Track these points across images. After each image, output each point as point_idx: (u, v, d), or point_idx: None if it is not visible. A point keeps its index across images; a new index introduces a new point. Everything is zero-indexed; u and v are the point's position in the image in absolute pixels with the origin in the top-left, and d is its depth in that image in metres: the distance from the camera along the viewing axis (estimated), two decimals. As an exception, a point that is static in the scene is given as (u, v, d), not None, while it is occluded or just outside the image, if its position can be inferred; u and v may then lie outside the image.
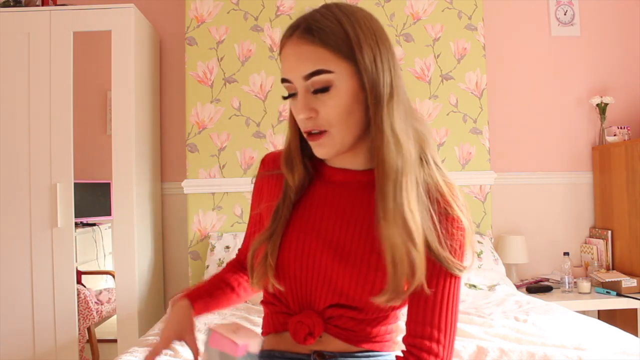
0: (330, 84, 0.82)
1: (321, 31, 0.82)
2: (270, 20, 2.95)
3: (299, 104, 0.84)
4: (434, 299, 0.85)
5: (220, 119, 2.91)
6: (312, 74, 0.82)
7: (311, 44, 0.82)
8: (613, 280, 2.74)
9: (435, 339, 0.85)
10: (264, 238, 0.90)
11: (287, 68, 0.85)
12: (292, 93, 0.86)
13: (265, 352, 0.97)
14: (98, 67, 2.86)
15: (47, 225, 2.58)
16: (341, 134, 0.85)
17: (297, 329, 0.90)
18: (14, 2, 2.71)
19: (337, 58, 0.82)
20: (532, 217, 3.15)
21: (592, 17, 3.22)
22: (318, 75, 0.82)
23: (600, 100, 3.07)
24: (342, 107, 0.83)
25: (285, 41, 0.85)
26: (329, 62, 0.82)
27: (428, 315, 0.85)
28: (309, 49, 0.82)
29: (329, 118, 0.84)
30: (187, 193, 2.89)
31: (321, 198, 0.93)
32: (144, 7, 2.92)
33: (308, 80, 0.82)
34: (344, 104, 0.83)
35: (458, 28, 2.99)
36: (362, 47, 0.82)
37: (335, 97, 0.83)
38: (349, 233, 0.89)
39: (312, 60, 0.82)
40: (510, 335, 1.72)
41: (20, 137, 2.60)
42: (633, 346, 1.55)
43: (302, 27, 0.83)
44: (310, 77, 0.82)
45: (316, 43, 0.81)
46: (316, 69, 0.81)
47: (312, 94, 0.83)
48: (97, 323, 2.76)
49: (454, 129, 2.97)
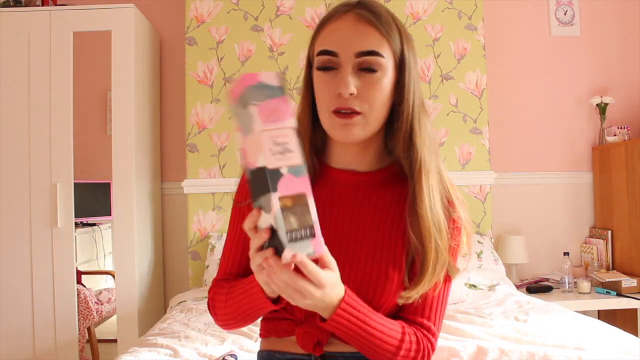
0: (380, 67, 0.84)
1: (382, 17, 0.85)
2: (270, 20, 2.95)
3: (344, 78, 0.83)
4: (433, 296, 0.89)
5: (220, 119, 2.91)
6: (367, 52, 0.83)
7: (371, 25, 0.84)
8: (613, 280, 2.74)
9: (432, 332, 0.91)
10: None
11: (337, 41, 0.84)
12: (331, 67, 0.85)
13: (265, 352, 0.97)
14: (98, 67, 2.85)
15: (47, 225, 2.58)
16: (373, 118, 0.85)
17: (305, 340, 0.89)
18: (14, 2, 2.71)
19: (389, 47, 0.85)
20: (532, 217, 3.14)
21: (592, 17, 3.22)
22: (371, 56, 0.83)
23: (600, 100, 3.07)
24: (382, 93, 0.85)
25: (338, 15, 0.86)
26: (384, 48, 0.84)
27: (427, 309, 0.90)
28: (368, 28, 0.84)
29: (369, 100, 0.84)
30: (187, 193, 2.89)
31: (327, 201, 0.91)
32: (144, 7, 2.92)
33: (360, 57, 0.83)
34: (385, 90, 0.85)
35: (458, 28, 2.99)
36: (409, 47, 0.87)
37: (381, 80, 0.84)
38: (358, 236, 0.89)
39: (370, 40, 0.83)
40: (510, 335, 1.71)
41: (20, 137, 2.60)
42: (633, 346, 1.55)
43: (362, 7, 0.85)
44: (364, 55, 0.83)
45: (376, 26, 0.84)
46: (373, 49, 0.83)
47: (359, 72, 0.84)
48: (97, 323, 2.76)
49: (454, 129, 2.97)
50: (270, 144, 0.70)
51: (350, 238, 0.89)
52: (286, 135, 0.71)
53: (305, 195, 0.70)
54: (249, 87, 0.71)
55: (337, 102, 0.84)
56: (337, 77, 0.83)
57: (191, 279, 2.86)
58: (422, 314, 0.89)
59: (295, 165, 0.70)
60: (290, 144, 0.71)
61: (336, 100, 0.84)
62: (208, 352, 1.62)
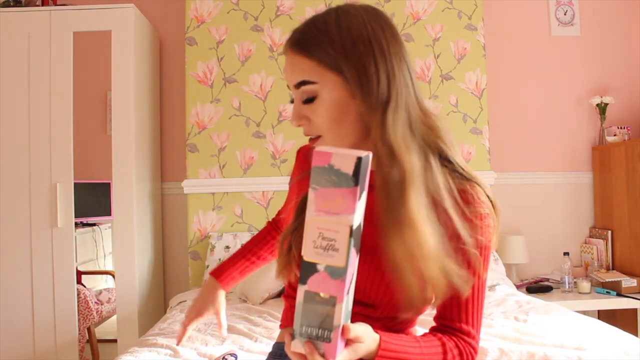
0: (314, 94, 0.84)
1: (307, 42, 0.84)
2: (270, 20, 2.95)
3: (293, 112, 0.88)
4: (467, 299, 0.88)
5: (220, 119, 2.91)
6: (298, 84, 0.85)
7: (298, 55, 0.85)
8: (613, 280, 2.74)
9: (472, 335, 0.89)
10: (288, 231, 0.91)
11: (285, 76, 0.89)
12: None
13: (281, 344, 0.98)
14: (98, 67, 2.85)
15: (47, 225, 2.58)
16: (333, 140, 0.86)
17: None
18: (14, 2, 2.71)
19: (322, 69, 0.83)
20: (532, 217, 3.15)
21: (592, 17, 3.22)
22: (304, 86, 0.84)
23: (600, 100, 3.07)
24: (329, 117, 0.84)
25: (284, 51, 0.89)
26: (313, 74, 0.83)
27: (462, 312, 0.88)
28: (296, 59, 0.85)
29: (318, 125, 0.86)
30: (187, 193, 2.89)
31: None
32: (144, 7, 2.92)
33: (298, 89, 0.86)
34: (330, 113, 0.84)
35: (458, 28, 2.99)
36: (347, 57, 0.81)
37: (320, 106, 0.84)
38: (369, 232, 0.89)
39: (298, 71, 0.85)
40: (510, 335, 1.71)
41: (20, 137, 2.60)
42: (633, 346, 1.55)
43: (292, 39, 0.86)
44: (299, 86, 0.85)
45: (302, 54, 0.84)
46: (301, 79, 0.84)
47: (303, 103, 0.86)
48: (97, 323, 2.76)
49: (454, 129, 2.96)
50: (316, 235, 0.65)
51: (365, 232, 0.89)
52: (337, 232, 0.64)
53: (335, 299, 0.65)
54: (317, 167, 0.65)
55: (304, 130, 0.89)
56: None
57: (191, 279, 2.87)
58: (460, 319, 0.88)
59: (334, 266, 0.64)
60: (338, 243, 0.64)
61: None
62: (208, 352, 1.62)
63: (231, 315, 2.10)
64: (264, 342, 1.73)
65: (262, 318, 2.03)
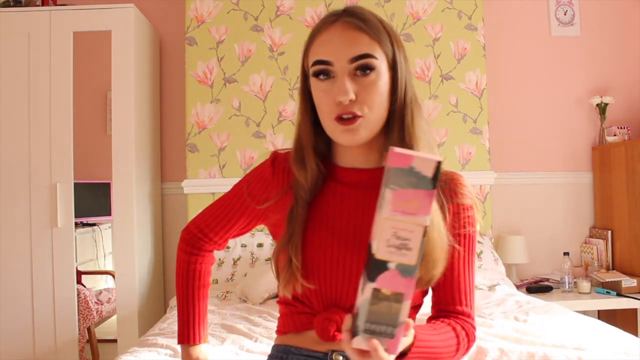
0: (374, 68, 0.86)
1: (369, 22, 0.88)
2: (270, 20, 2.95)
3: (342, 86, 0.85)
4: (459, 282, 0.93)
5: (220, 119, 2.91)
6: (360, 56, 0.85)
7: (360, 30, 0.87)
8: (613, 280, 2.74)
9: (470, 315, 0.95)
10: (283, 242, 0.91)
11: (330, 50, 0.87)
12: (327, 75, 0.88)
13: (281, 346, 0.97)
14: (98, 67, 2.86)
15: (47, 225, 2.58)
16: (373, 119, 0.88)
17: (325, 326, 0.90)
18: (14, 2, 2.71)
19: (381, 49, 0.87)
20: (532, 217, 3.15)
21: (592, 17, 3.22)
22: (365, 59, 0.85)
23: (600, 100, 3.07)
24: (380, 94, 0.87)
25: (327, 26, 0.89)
26: (376, 50, 0.87)
27: (458, 296, 0.93)
28: (357, 34, 0.86)
29: (368, 102, 0.86)
30: (187, 193, 2.89)
31: (337, 197, 0.94)
32: (144, 7, 2.92)
33: (354, 62, 0.85)
34: (382, 91, 0.87)
35: (458, 28, 2.99)
36: (399, 47, 0.90)
37: (377, 82, 0.86)
38: (364, 229, 0.90)
39: (361, 45, 0.86)
40: (510, 335, 1.71)
41: (20, 137, 2.60)
42: (633, 346, 1.55)
43: (349, 14, 0.88)
44: (358, 59, 0.85)
45: (365, 30, 0.87)
46: (365, 52, 0.86)
47: (355, 77, 0.86)
48: (97, 323, 2.76)
49: (454, 129, 2.97)
50: (390, 235, 0.67)
51: (357, 232, 0.90)
52: (412, 232, 0.67)
53: (403, 296, 0.67)
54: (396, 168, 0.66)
55: (337, 109, 0.86)
56: (335, 85, 0.86)
57: (191, 279, 2.86)
58: (457, 302, 0.93)
59: (406, 264, 0.67)
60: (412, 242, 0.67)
61: (337, 108, 0.86)
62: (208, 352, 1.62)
63: (231, 315, 2.10)
64: (264, 342, 1.72)
65: (262, 318, 2.03)
